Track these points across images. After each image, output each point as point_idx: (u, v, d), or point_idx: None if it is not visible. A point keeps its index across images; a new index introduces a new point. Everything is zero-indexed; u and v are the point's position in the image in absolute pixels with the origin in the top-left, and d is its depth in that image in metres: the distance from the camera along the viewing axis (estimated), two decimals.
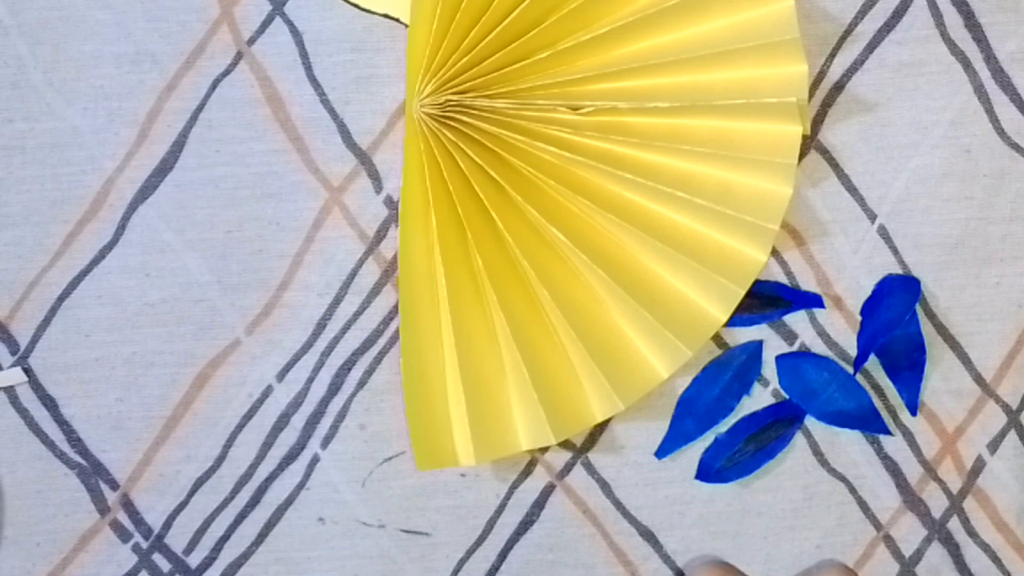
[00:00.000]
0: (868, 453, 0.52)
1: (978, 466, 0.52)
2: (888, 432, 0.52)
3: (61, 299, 0.52)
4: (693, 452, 0.52)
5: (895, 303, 0.52)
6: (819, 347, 0.52)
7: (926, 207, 0.52)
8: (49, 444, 0.52)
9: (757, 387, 0.52)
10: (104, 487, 0.52)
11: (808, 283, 0.52)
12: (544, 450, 0.52)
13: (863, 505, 0.52)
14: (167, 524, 0.52)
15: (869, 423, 0.52)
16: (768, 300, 0.52)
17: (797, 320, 0.52)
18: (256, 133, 0.52)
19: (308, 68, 0.52)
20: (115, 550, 0.52)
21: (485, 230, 0.51)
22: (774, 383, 0.52)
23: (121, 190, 0.52)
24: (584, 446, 0.52)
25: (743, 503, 0.52)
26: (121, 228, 0.52)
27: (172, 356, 0.52)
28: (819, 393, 0.52)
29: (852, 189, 0.52)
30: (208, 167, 0.52)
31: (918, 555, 0.52)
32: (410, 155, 0.50)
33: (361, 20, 0.52)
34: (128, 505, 0.52)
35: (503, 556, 0.52)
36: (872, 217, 0.52)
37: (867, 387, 0.52)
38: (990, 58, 0.52)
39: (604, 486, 0.52)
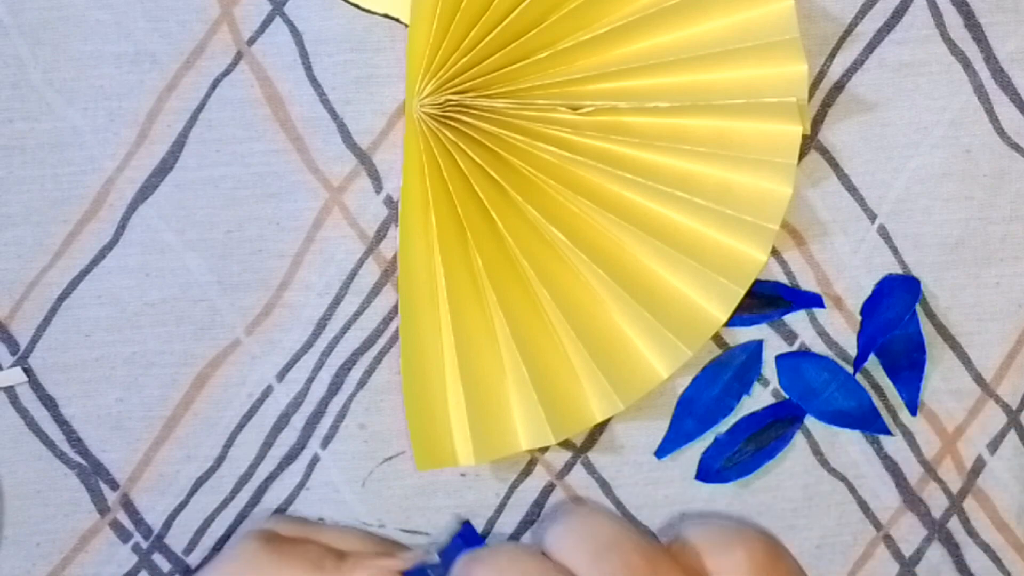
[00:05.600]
0: (868, 453, 0.52)
1: (978, 466, 0.52)
2: (888, 432, 0.52)
3: (61, 299, 0.52)
4: (693, 452, 0.52)
5: (895, 303, 0.52)
6: (819, 347, 0.52)
7: (926, 207, 0.52)
8: (49, 444, 0.52)
9: (757, 387, 0.52)
10: (104, 487, 0.52)
11: (808, 283, 0.52)
12: (544, 450, 0.52)
13: (863, 505, 0.52)
14: (167, 524, 0.52)
15: (869, 423, 0.52)
16: (768, 300, 0.52)
17: (797, 320, 0.52)
18: (256, 133, 0.52)
19: (308, 68, 0.52)
20: (115, 550, 0.52)
21: (485, 230, 0.51)
22: (774, 383, 0.52)
23: (121, 190, 0.52)
24: (584, 446, 0.52)
25: (743, 503, 0.52)
26: (121, 228, 0.52)
27: (172, 356, 0.52)
28: (819, 393, 0.52)
29: (852, 189, 0.52)
30: (208, 167, 0.52)
31: (918, 555, 0.52)
32: (410, 155, 0.50)
33: (361, 20, 0.52)
34: (128, 505, 0.52)
35: None
36: (872, 217, 0.52)
37: (867, 387, 0.52)
38: (990, 58, 0.52)
39: (604, 486, 0.52)
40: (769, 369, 0.52)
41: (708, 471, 0.52)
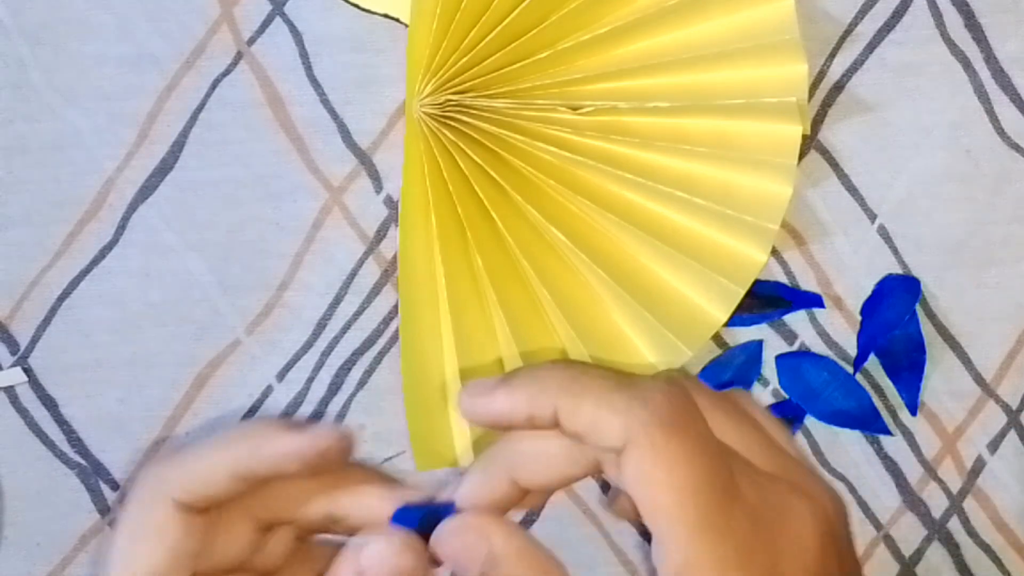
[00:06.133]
0: (868, 453, 0.52)
1: (978, 466, 0.52)
2: (888, 432, 0.52)
3: (61, 299, 0.52)
4: None
5: (895, 303, 0.52)
6: (819, 347, 0.52)
7: (926, 208, 0.52)
8: (49, 444, 0.52)
9: (757, 387, 0.52)
10: (104, 487, 0.52)
11: (808, 283, 0.52)
12: None
13: (863, 505, 0.52)
14: None
15: (869, 423, 0.52)
16: (768, 300, 0.52)
17: (797, 320, 0.52)
18: (256, 133, 0.52)
19: (308, 68, 0.52)
20: None
21: (485, 230, 0.51)
22: (774, 383, 0.52)
23: (121, 190, 0.52)
24: None
25: None
26: (121, 228, 0.52)
27: (172, 356, 0.52)
28: (819, 393, 0.52)
29: (852, 189, 0.52)
30: (208, 167, 0.52)
31: (918, 555, 0.52)
32: (410, 155, 0.50)
33: (361, 20, 0.52)
34: None
35: None
36: (872, 217, 0.52)
37: (867, 387, 0.52)
38: (990, 58, 0.52)
39: (604, 485, 0.52)
40: (769, 369, 0.52)
41: None
